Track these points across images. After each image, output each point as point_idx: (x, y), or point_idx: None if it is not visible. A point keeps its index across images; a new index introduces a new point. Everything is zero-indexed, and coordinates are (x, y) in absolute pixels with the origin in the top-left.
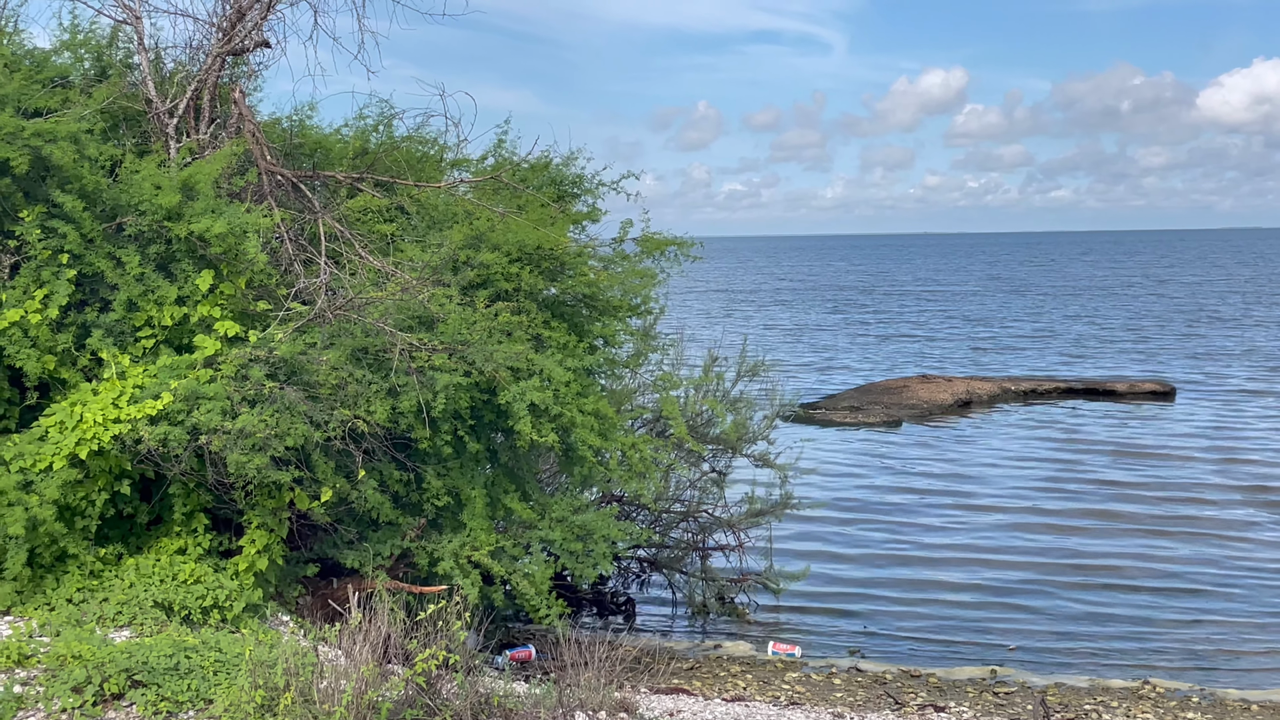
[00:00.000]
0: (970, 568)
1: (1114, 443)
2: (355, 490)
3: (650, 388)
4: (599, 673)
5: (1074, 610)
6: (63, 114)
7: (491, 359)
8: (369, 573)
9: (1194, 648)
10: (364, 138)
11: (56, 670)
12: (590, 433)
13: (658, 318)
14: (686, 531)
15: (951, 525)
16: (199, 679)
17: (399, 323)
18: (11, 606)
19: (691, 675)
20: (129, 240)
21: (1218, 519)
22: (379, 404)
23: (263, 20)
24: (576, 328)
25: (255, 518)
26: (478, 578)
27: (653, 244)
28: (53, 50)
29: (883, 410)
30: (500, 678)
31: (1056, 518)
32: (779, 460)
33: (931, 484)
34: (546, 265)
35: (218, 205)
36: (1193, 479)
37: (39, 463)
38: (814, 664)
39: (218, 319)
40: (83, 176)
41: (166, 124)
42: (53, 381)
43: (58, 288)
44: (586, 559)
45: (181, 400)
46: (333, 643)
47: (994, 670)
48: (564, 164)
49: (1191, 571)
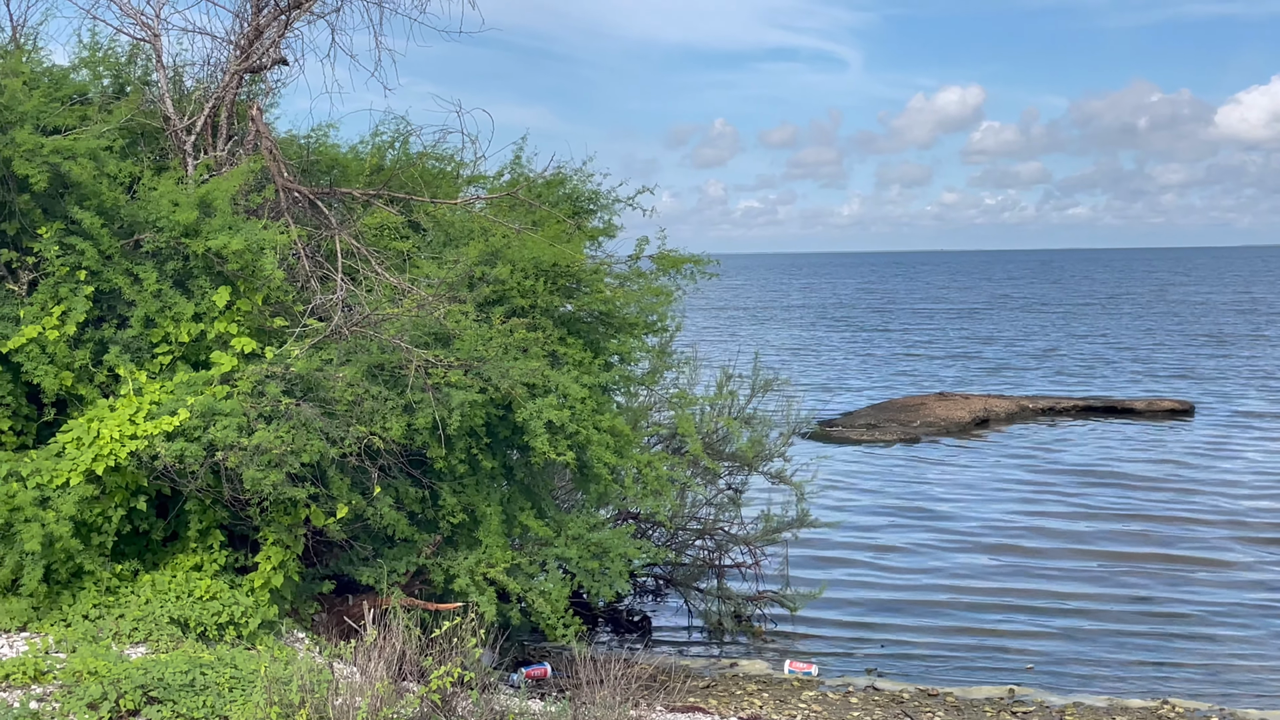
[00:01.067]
0: (988, 586)
1: (1133, 461)
2: (371, 507)
3: (666, 404)
4: (614, 691)
5: (1093, 629)
6: (81, 131)
7: (508, 375)
8: (384, 589)
9: (1214, 667)
10: (380, 154)
11: (72, 686)
12: (606, 450)
13: (673, 335)
14: (702, 549)
15: (969, 543)
16: (214, 695)
17: (415, 339)
18: (28, 623)
19: (707, 694)
20: (146, 257)
21: (1240, 539)
22: (395, 421)
23: (280, 38)
24: (593, 345)
25: (271, 534)
26: (493, 595)
27: (669, 261)
28: (71, 67)
29: (900, 427)
30: (516, 695)
31: (1074, 539)
32: (795, 477)
33: (948, 502)
34: (563, 282)
35: (235, 222)
36: (1215, 499)
37: (56, 479)
38: (831, 683)
39: (234, 335)
40: (101, 193)
41: (184, 141)
42: (70, 398)
43: (75, 304)
44: (603, 577)
45: (198, 416)
46: (348, 660)
47: (1012, 690)
48: (580, 179)
49: (1212, 591)
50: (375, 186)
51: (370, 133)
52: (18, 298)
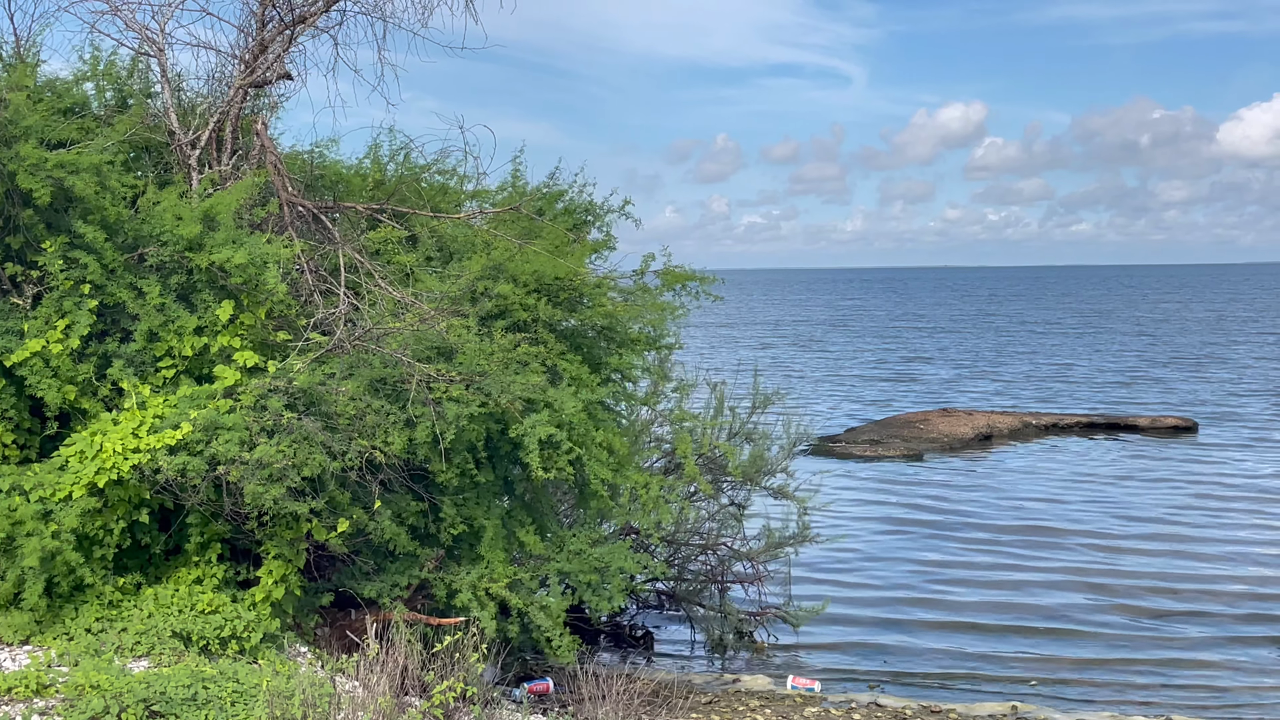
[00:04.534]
0: (991, 602)
1: (1135, 475)
2: (372, 521)
3: (666, 418)
4: (616, 706)
5: (1096, 645)
6: (85, 145)
7: (508, 390)
8: (387, 604)
9: (1217, 684)
10: (380, 169)
11: (74, 700)
12: (601, 466)
13: (673, 349)
14: (705, 564)
15: (972, 559)
16: (216, 709)
17: (417, 353)
18: (30, 636)
19: (710, 709)
20: (150, 271)
21: (1243, 556)
22: (396, 435)
23: (285, 52)
24: (593, 360)
25: (272, 548)
26: (494, 610)
27: (674, 278)
28: (74, 81)
29: (903, 443)
30: (518, 711)
31: (1077, 556)
32: (798, 493)
33: (952, 517)
34: (564, 296)
35: (238, 236)
36: (1219, 515)
37: (58, 492)
38: (834, 699)
39: (237, 349)
40: (105, 207)
41: (189, 155)
42: (73, 411)
43: (79, 318)
44: (603, 591)
45: (200, 430)
46: (350, 674)
47: (1015, 706)
48: (575, 192)
49: (1217, 607)
50: (378, 201)
51: (370, 146)
52: (22, 311)
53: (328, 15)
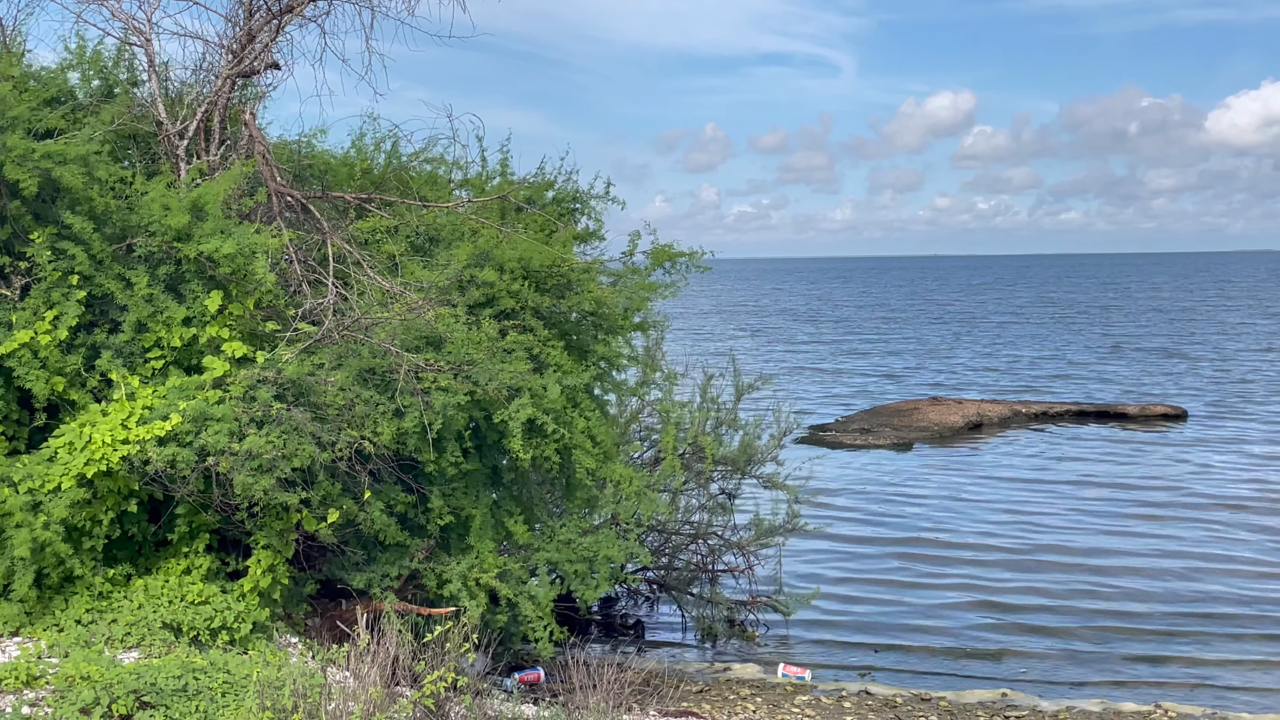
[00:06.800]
0: (981, 591)
1: (1127, 465)
2: (362, 511)
3: (654, 407)
4: (607, 695)
5: (1086, 633)
6: (72, 135)
7: (496, 378)
8: (377, 594)
9: (1206, 672)
10: (366, 158)
11: (65, 691)
12: (586, 455)
13: (661, 337)
14: (695, 553)
15: (963, 548)
16: (207, 700)
17: (405, 343)
18: (20, 627)
19: (701, 698)
20: (138, 261)
21: (1234, 541)
22: (385, 425)
23: (272, 42)
24: (581, 348)
25: (262, 538)
26: (485, 599)
27: (662, 255)
28: (58, 70)
29: (893, 432)
30: (509, 700)
31: (1069, 543)
32: (788, 482)
33: (942, 506)
34: (552, 283)
35: (227, 226)
36: (1210, 503)
37: (48, 483)
38: (824, 687)
39: (226, 340)
40: (92, 198)
41: (177, 145)
42: (62, 403)
43: (67, 309)
44: (590, 580)
45: (190, 421)
46: (341, 664)
47: (1005, 694)
48: (563, 180)
49: (1205, 596)
50: (366, 191)
51: (356, 135)
52: (10, 302)
53: (315, 4)
